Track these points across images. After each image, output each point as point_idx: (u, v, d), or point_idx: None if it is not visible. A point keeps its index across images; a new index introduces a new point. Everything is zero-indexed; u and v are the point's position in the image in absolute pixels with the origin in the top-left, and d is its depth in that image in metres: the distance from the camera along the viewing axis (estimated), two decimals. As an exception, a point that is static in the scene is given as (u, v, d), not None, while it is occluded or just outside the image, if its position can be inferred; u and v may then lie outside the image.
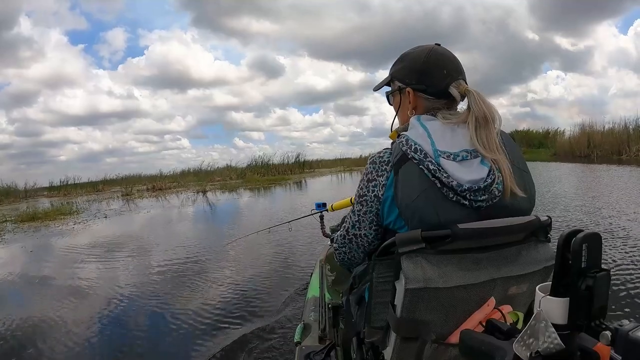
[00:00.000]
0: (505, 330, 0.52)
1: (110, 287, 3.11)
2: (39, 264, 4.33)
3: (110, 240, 5.57)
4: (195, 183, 13.99)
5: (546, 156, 15.37)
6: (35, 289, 3.29)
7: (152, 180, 15.50)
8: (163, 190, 13.46)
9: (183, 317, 2.41)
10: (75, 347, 2.09)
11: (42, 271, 3.94)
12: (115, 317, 2.49)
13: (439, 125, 0.77)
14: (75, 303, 2.85)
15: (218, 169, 18.42)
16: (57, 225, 7.34)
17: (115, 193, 13.67)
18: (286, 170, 17.37)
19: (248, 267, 3.43)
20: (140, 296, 2.85)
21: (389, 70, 0.93)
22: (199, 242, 4.80)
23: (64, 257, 4.62)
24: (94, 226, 7.05)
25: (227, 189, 12.53)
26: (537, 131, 19.37)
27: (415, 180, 0.72)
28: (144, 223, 7.19)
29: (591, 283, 0.42)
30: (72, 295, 3.01)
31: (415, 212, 0.72)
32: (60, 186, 15.79)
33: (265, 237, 4.54)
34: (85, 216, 8.44)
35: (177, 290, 2.92)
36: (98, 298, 2.91)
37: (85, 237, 5.92)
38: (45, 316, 2.55)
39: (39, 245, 5.62)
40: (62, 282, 3.41)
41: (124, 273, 3.61)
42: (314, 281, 1.92)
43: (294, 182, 13.71)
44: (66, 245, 5.36)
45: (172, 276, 3.30)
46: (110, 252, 4.68)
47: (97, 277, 3.53)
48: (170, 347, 2.05)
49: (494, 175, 0.72)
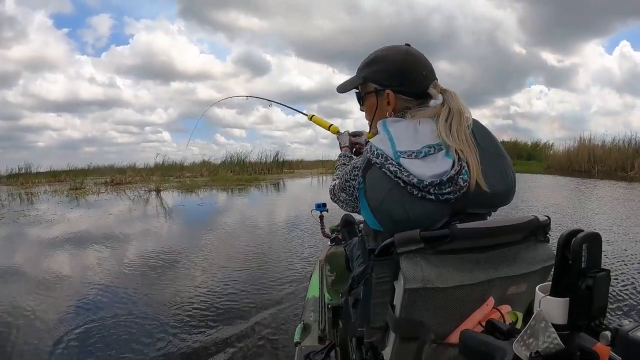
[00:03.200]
0: (504, 330, 0.52)
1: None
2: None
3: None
4: (160, 178, 12.53)
5: (539, 168, 14.76)
6: None
7: (117, 172, 14.13)
8: (122, 184, 12.13)
9: (180, 317, 2.41)
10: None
11: None
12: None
13: (403, 125, 0.80)
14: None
15: (194, 163, 17.20)
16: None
17: (64, 185, 12.06)
18: (263, 170, 16.21)
19: (247, 267, 3.43)
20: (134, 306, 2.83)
21: (359, 72, 0.93)
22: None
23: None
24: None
25: (186, 188, 10.94)
26: (525, 142, 18.77)
27: (380, 183, 0.75)
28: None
29: (591, 283, 0.42)
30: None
31: (384, 212, 0.75)
32: (18, 174, 14.72)
33: (265, 236, 4.55)
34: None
35: (165, 290, 2.90)
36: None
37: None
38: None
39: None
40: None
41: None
42: (313, 281, 1.92)
43: (271, 182, 12.45)
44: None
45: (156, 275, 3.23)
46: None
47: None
48: (170, 347, 2.05)
49: (458, 166, 0.73)
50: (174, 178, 13.82)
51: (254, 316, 2.35)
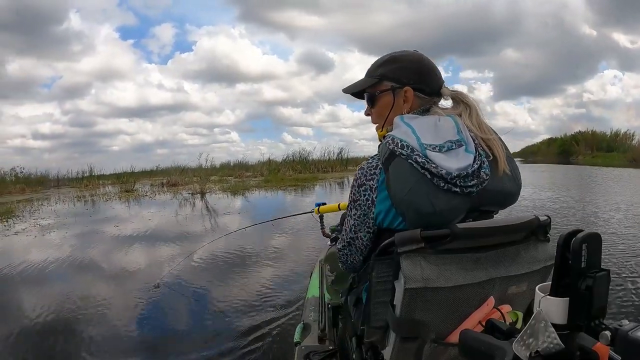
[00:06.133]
0: (504, 330, 0.52)
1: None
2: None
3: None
4: (218, 178, 12.97)
5: (622, 161, 13.24)
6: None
7: (178, 173, 13.90)
8: (177, 186, 12.24)
9: (178, 317, 2.41)
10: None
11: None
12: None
13: (423, 121, 0.80)
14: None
15: (259, 162, 17.26)
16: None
17: (117, 188, 12.53)
18: (326, 167, 15.90)
19: (246, 267, 3.43)
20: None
21: (371, 72, 0.93)
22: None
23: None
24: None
25: (232, 190, 10.51)
26: (603, 133, 17.49)
27: (406, 174, 0.74)
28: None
29: (591, 283, 0.42)
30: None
31: (410, 204, 0.73)
32: (82, 177, 15.56)
33: (264, 235, 4.55)
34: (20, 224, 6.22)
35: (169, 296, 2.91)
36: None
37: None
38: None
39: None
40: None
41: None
42: (313, 281, 1.92)
43: (332, 180, 12.01)
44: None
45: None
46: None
47: None
48: (169, 346, 2.05)
49: (479, 160, 0.75)
50: (232, 178, 13.81)
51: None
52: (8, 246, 4.86)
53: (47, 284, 3.29)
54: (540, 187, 8.20)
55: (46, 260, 3.92)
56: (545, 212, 0.91)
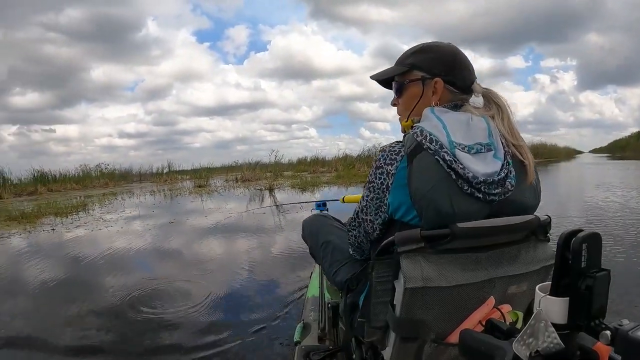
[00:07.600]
0: (505, 330, 0.52)
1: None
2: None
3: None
4: (292, 173, 12.92)
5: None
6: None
7: (253, 169, 14.08)
8: (250, 181, 12.29)
9: (175, 315, 2.41)
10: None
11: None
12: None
13: (455, 117, 0.77)
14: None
15: (335, 158, 16.85)
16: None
17: (188, 182, 12.94)
18: None
19: (245, 266, 3.42)
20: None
21: (402, 61, 0.90)
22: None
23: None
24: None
25: (301, 186, 10.03)
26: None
27: (430, 171, 0.71)
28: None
29: (591, 283, 0.42)
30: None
31: (431, 202, 0.70)
32: (162, 172, 16.08)
33: (263, 235, 4.54)
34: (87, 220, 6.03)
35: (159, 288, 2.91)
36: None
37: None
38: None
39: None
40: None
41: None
42: (313, 280, 1.92)
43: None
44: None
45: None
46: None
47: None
48: (167, 345, 2.05)
49: (506, 169, 0.72)
50: (307, 173, 13.82)
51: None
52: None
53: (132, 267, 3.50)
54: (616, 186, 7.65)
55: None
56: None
